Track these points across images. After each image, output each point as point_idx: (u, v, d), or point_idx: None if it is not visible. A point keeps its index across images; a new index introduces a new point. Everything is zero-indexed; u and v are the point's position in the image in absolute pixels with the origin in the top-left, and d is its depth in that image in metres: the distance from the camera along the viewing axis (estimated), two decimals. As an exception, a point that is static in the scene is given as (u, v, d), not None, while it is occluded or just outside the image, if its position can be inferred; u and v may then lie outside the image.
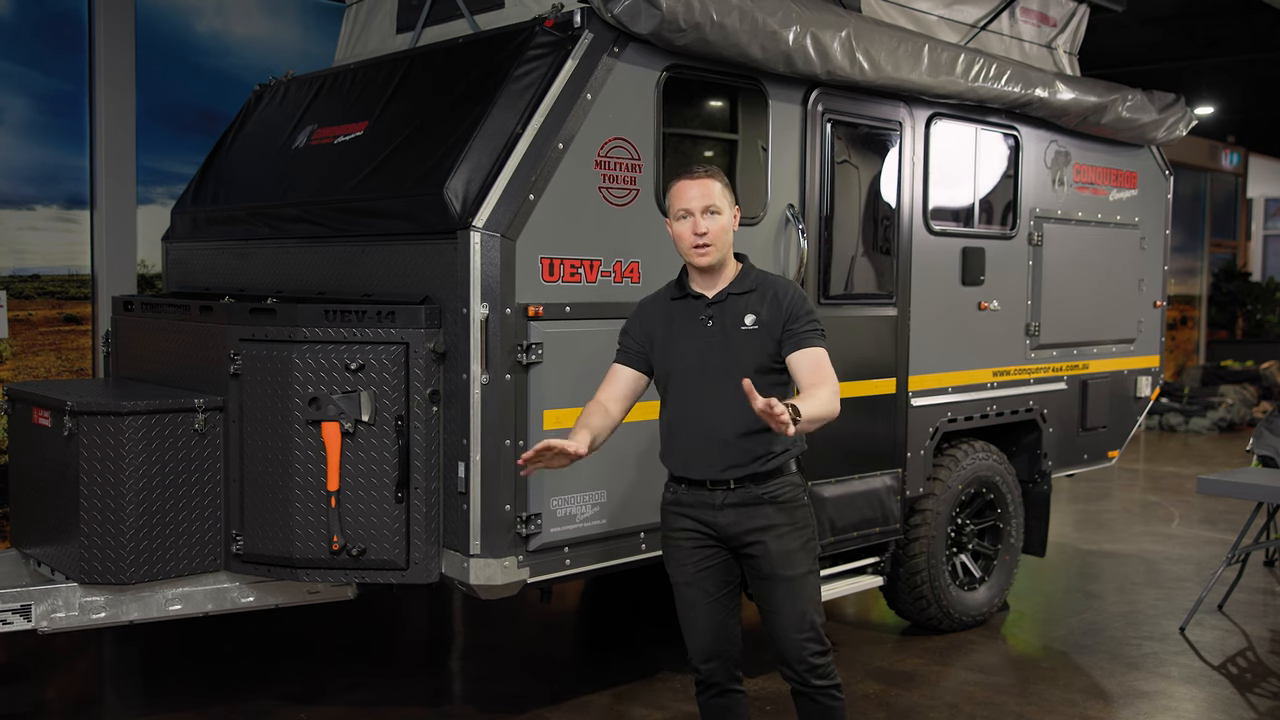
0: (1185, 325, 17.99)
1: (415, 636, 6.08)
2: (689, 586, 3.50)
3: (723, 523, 3.42)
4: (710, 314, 3.44)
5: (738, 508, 3.40)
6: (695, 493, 3.45)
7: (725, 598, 3.50)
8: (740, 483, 3.40)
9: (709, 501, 3.42)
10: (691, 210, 3.39)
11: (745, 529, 3.40)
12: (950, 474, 5.69)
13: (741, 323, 3.41)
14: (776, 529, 3.40)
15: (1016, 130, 6.03)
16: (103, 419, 4.16)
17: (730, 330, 3.41)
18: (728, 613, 3.51)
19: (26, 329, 6.46)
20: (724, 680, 3.52)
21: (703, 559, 3.48)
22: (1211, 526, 8.58)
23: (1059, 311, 6.28)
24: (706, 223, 3.38)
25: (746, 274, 3.49)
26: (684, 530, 3.49)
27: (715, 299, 3.45)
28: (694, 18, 4.31)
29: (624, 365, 3.57)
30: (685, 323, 3.48)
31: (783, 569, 3.40)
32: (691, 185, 3.41)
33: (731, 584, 3.51)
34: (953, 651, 5.59)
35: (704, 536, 3.46)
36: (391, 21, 5.57)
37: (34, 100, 6.46)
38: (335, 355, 4.08)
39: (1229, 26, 12.07)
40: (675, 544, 3.52)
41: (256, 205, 5.10)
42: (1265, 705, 4.99)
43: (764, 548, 3.39)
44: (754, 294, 3.44)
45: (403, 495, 4.11)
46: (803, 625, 3.39)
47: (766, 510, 3.40)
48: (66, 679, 5.19)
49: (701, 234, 3.37)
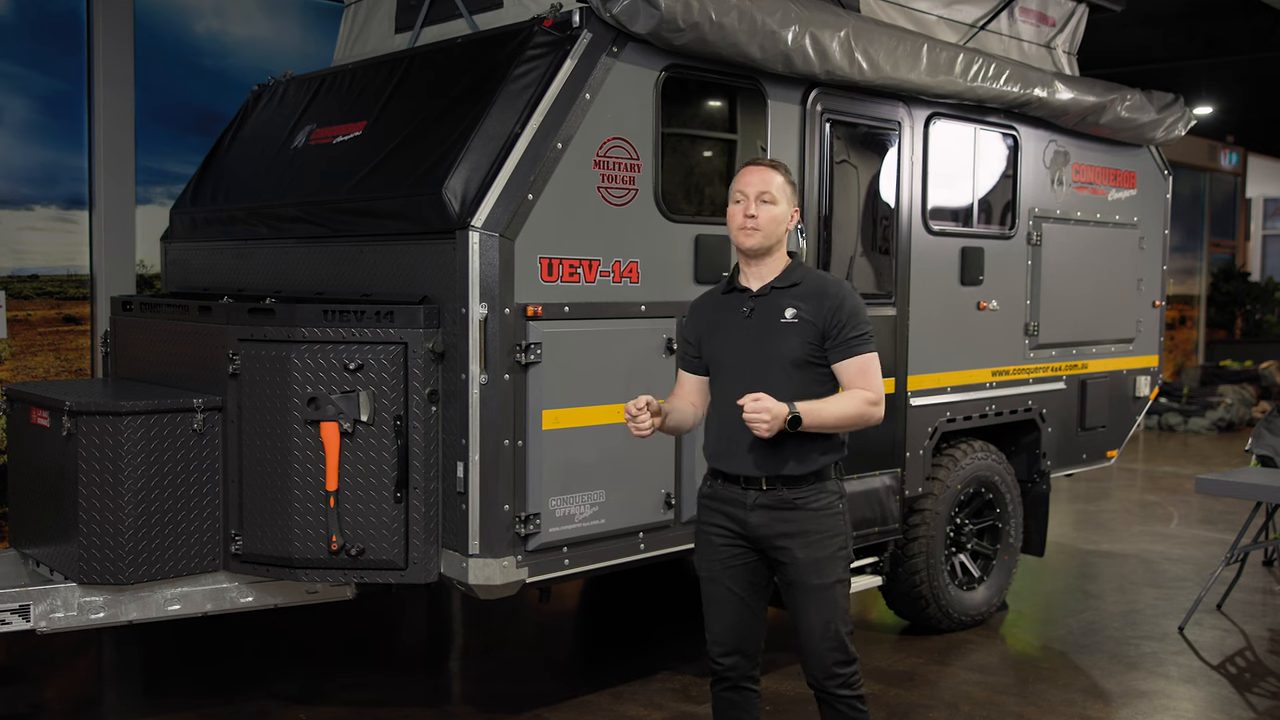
0: (1184, 325, 17.99)
1: (414, 637, 6.07)
2: (714, 582, 3.48)
3: (753, 523, 3.39)
4: (752, 306, 3.44)
5: (768, 510, 3.37)
6: (729, 489, 3.43)
7: (750, 598, 3.47)
8: (772, 483, 3.37)
9: (741, 500, 3.40)
10: (747, 194, 3.41)
11: (775, 533, 3.37)
12: (949, 474, 5.69)
13: (781, 315, 3.39)
14: (806, 536, 3.36)
15: (1015, 130, 6.03)
16: (101, 419, 4.15)
17: (770, 322, 3.40)
18: (751, 612, 3.48)
19: (25, 329, 6.46)
20: (739, 676, 3.50)
21: (730, 556, 3.45)
22: (1210, 526, 8.59)
23: (1058, 311, 6.28)
24: (758, 209, 3.39)
25: (794, 269, 3.47)
26: (715, 526, 3.47)
27: (759, 292, 3.45)
28: (692, 17, 4.31)
29: (685, 371, 3.62)
30: (729, 315, 3.48)
31: (810, 577, 3.36)
32: (753, 172, 3.44)
33: (758, 585, 3.48)
34: (952, 651, 5.59)
35: (734, 535, 3.44)
36: (390, 21, 5.57)
37: (33, 100, 6.46)
38: (334, 355, 4.08)
39: (1228, 26, 12.08)
40: (706, 538, 3.51)
41: (255, 205, 5.10)
42: (1264, 705, 4.99)
43: (792, 554, 3.36)
44: (798, 288, 3.42)
45: (401, 495, 4.10)
46: (826, 634, 3.37)
47: (796, 516, 3.36)
48: (65, 680, 5.19)
49: (750, 216, 3.38)
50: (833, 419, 3.28)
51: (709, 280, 4.66)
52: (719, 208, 4.79)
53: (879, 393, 3.37)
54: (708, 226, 4.66)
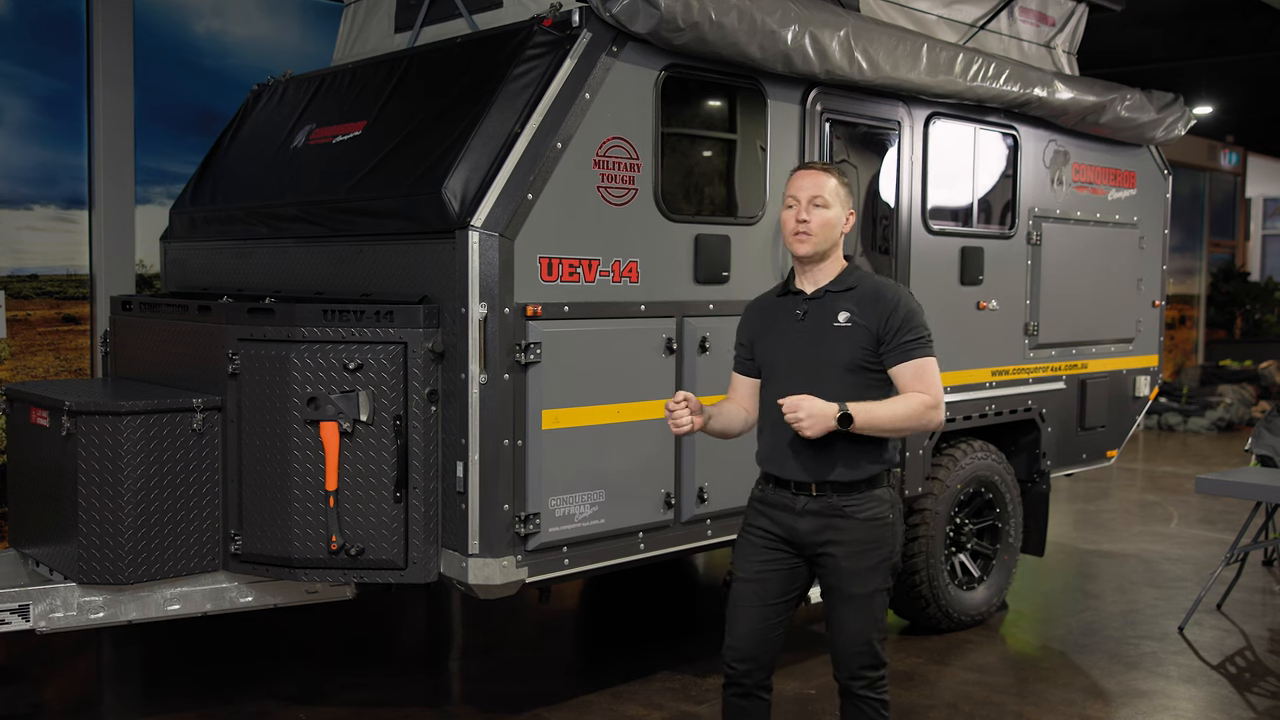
0: (1184, 325, 17.99)
1: (414, 636, 6.07)
2: (747, 584, 3.45)
3: (802, 529, 3.37)
4: (805, 309, 3.42)
5: (817, 516, 3.35)
6: (779, 494, 3.40)
7: (779, 606, 3.44)
8: (822, 489, 3.34)
9: (791, 505, 3.38)
10: (799, 199, 3.38)
11: (823, 539, 3.35)
12: (949, 473, 5.69)
13: (835, 319, 3.36)
14: (851, 545, 3.33)
15: (1015, 130, 6.03)
16: (101, 419, 4.15)
17: (823, 326, 3.37)
18: (775, 622, 3.45)
19: (25, 329, 6.45)
20: (753, 684, 3.46)
21: (768, 560, 3.43)
22: (1210, 526, 8.58)
23: (1058, 311, 6.28)
24: (809, 213, 3.36)
25: (849, 273, 3.45)
26: (759, 529, 3.45)
27: (813, 295, 3.42)
28: (692, 17, 4.31)
29: (738, 374, 3.61)
30: (782, 318, 3.46)
31: (850, 586, 3.35)
32: (805, 176, 3.42)
33: (789, 596, 3.45)
34: (951, 651, 5.59)
35: (777, 540, 3.41)
36: (390, 21, 5.56)
37: (32, 100, 6.46)
38: (333, 355, 4.08)
39: (1228, 26, 12.08)
40: (747, 539, 3.49)
41: (255, 205, 5.10)
42: (1264, 705, 4.99)
43: (835, 562, 3.35)
44: (853, 292, 3.39)
45: (401, 495, 4.10)
46: (859, 642, 3.36)
47: (845, 524, 3.33)
48: (65, 680, 5.19)
49: (802, 222, 3.36)
50: (887, 420, 3.25)
51: (709, 280, 4.66)
52: (718, 207, 4.80)
53: (938, 396, 3.34)
54: (707, 226, 4.66)
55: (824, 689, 4.91)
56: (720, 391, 4.67)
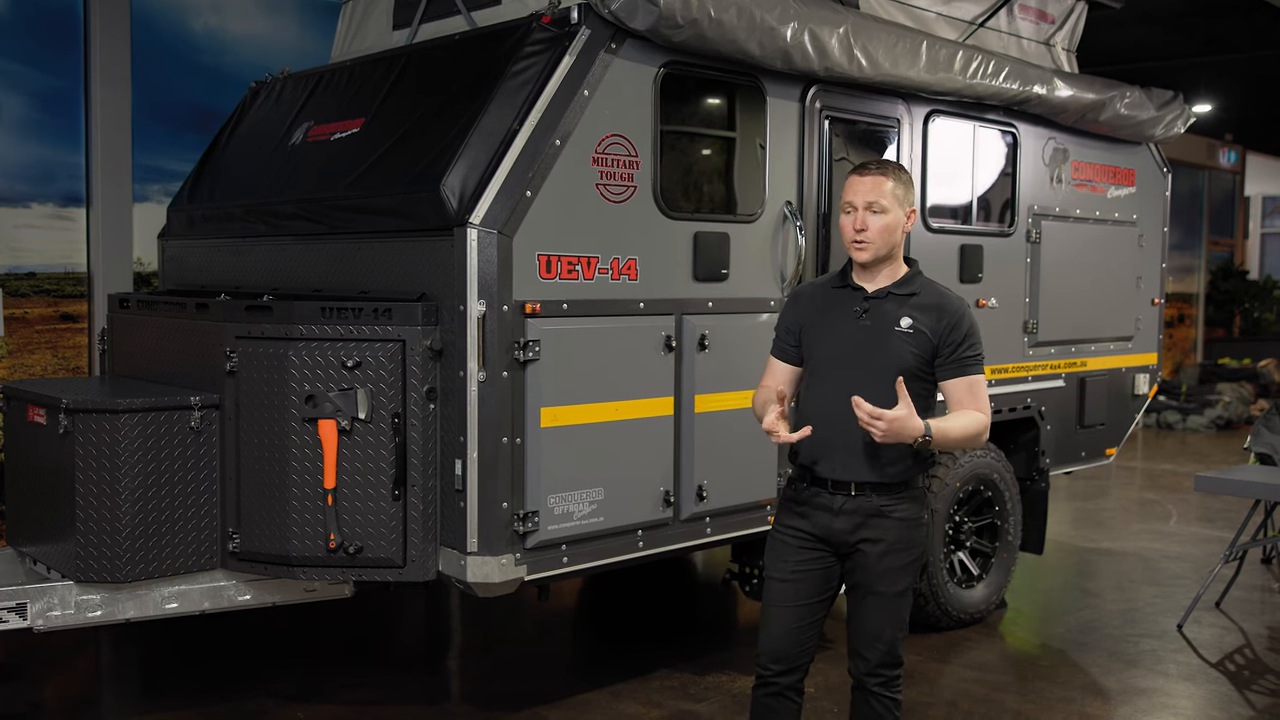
0: (1183, 323, 17.99)
1: (413, 635, 6.07)
2: (782, 584, 3.42)
3: (838, 529, 3.34)
4: (866, 308, 3.36)
5: (853, 515, 3.32)
6: (816, 493, 3.37)
7: (814, 605, 3.42)
8: (861, 489, 3.31)
9: (828, 505, 3.34)
10: (855, 205, 3.33)
11: (857, 536, 3.33)
12: (948, 471, 5.68)
13: (897, 323, 3.31)
14: (884, 544, 3.32)
15: (1014, 127, 6.03)
16: (98, 417, 4.14)
17: (884, 328, 3.32)
18: (810, 622, 3.42)
19: (22, 327, 6.44)
20: (785, 686, 3.43)
21: (803, 560, 3.40)
22: (1209, 524, 8.58)
23: (1057, 309, 6.28)
24: (868, 219, 3.31)
25: (912, 278, 3.39)
26: (794, 529, 3.42)
27: (875, 294, 3.37)
28: (691, 14, 4.30)
29: (777, 359, 3.53)
30: (839, 312, 3.40)
31: (879, 584, 3.33)
32: (862, 181, 3.35)
33: (824, 595, 3.43)
34: (951, 649, 5.59)
35: (812, 540, 3.39)
36: (388, 18, 5.56)
37: (29, 98, 6.44)
38: (332, 352, 4.07)
39: (1227, 24, 12.07)
40: (781, 539, 3.45)
41: (253, 202, 5.09)
42: (1263, 702, 4.98)
43: (866, 558, 3.33)
44: (916, 298, 3.34)
45: (400, 493, 4.09)
46: (879, 638, 3.35)
47: (881, 524, 3.31)
48: (63, 678, 5.18)
49: (860, 229, 3.32)
50: (957, 440, 3.23)
51: (708, 278, 4.65)
52: (717, 205, 4.79)
53: (989, 414, 3.33)
54: (706, 223, 4.66)
55: (826, 688, 4.91)
56: (720, 389, 4.70)
